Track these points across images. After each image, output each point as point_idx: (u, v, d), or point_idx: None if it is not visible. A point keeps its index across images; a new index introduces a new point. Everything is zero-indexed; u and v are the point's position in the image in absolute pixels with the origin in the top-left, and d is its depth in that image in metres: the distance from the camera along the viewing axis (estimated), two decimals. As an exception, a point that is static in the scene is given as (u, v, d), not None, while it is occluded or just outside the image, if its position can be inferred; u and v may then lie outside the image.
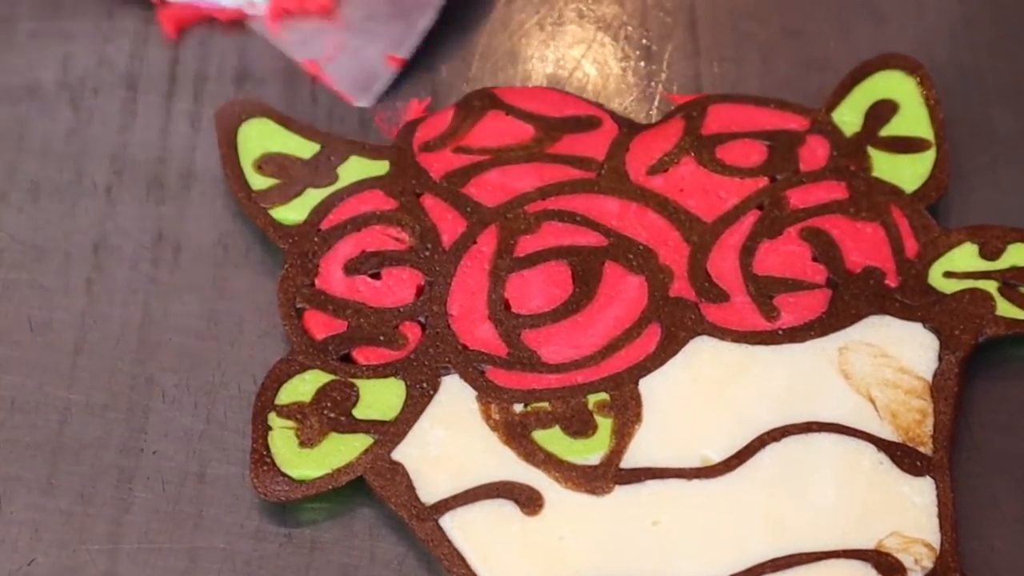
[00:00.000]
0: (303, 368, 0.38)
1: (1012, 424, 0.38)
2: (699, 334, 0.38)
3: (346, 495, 0.36)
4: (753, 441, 0.36)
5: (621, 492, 0.36)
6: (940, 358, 0.38)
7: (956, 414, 0.37)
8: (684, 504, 0.36)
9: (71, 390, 0.38)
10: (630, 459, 0.36)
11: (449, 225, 0.39)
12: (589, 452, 0.36)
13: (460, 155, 0.41)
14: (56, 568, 0.35)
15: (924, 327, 0.38)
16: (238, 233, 0.40)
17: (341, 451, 0.36)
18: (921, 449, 0.37)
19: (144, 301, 0.39)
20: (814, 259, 0.39)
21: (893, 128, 0.41)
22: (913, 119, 0.42)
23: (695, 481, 0.36)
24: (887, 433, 0.37)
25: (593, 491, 0.36)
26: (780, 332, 0.38)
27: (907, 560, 0.35)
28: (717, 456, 0.36)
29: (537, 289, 0.39)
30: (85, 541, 0.36)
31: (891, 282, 0.39)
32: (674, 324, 0.38)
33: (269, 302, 0.39)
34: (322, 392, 0.37)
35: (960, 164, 0.42)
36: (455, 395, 0.37)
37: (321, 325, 0.38)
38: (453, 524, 0.36)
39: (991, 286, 0.39)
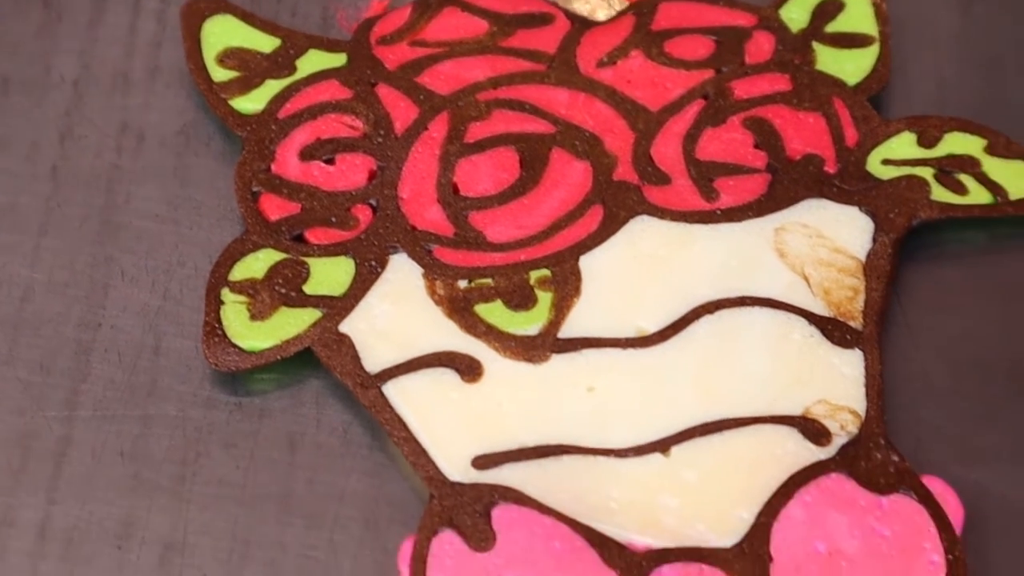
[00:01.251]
0: (256, 247, 0.39)
1: (943, 303, 0.39)
2: (639, 214, 0.39)
3: (295, 366, 0.38)
4: (688, 313, 0.38)
5: (558, 360, 0.37)
6: (874, 239, 0.39)
7: (887, 292, 0.38)
8: (618, 371, 0.37)
9: (34, 269, 0.39)
10: (568, 330, 0.37)
11: (402, 113, 0.41)
12: (528, 323, 0.38)
13: (415, 48, 0.42)
14: (15, 432, 0.37)
15: (860, 210, 0.39)
16: (200, 123, 0.42)
17: (290, 324, 0.38)
18: (852, 324, 0.38)
19: (107, 187, 0.41)
20: (756, 146, 0.40)
21: (838, 25, 0.43)
22: (858, 16, 0.43)
23: (630, 350, 0.37)
24: (819, 308, 0.38)
25: (531, 359, 0.37)
26: (719, 212, 0.39)
27: (833, 426, 0.36)
28: (652, 327, 0.38)
29: (485, 173, 0.40)
30: (43, 408, 0.37)
31: (830, 168, 0.40)
32: (616, 205, 0.39)
33: (227, 188, 0.40)
34: (274, 269, 0.39)
35: (904, 61, 0.43)
36: (402, 272, 0.39)
37: (275, 207, 0.40)
38: (396, 391, 0.37)
39: (927, 173, 0.40)
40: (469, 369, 0.37)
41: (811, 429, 0.36)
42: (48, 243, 0.40)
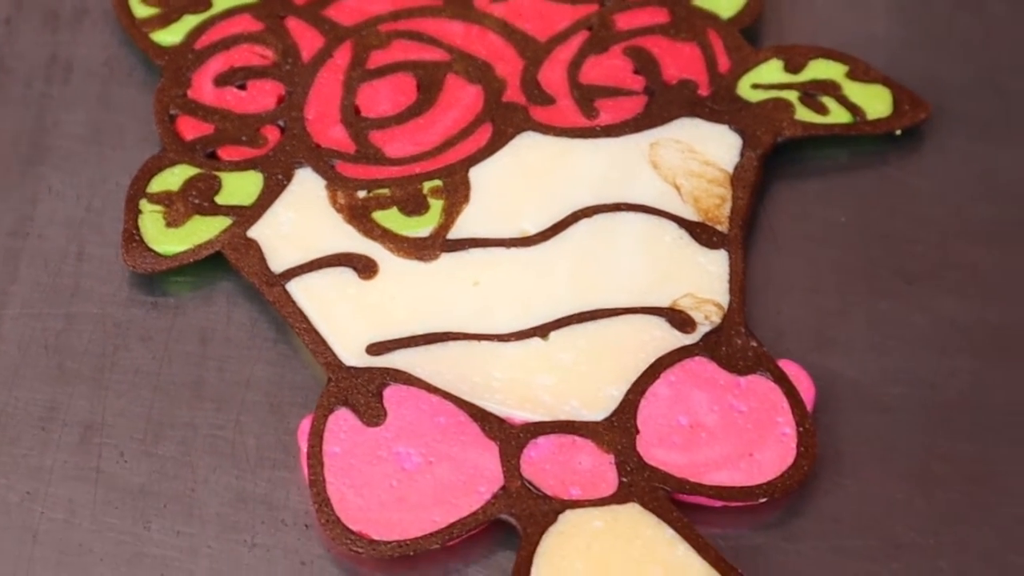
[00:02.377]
0: (173, 163, 0.42)
1: (805, 212, 0.43)
2: (525, 130, 0.43)
3: (207, 269, 0.41)
4: (567, 217, 0.41)
5: (447, 258, 0.40)
6: (742, 154, 0.43)
7: (752, 200, 0.42)
8: (502, 267, 0.40)
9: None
10: (456, 232, 0.41)
11: (309, 43, 0.44)
12: (420, 227, 0.41)
13: (322, -14, 0.45)
14: (-55, 334, 0.40)
15: (730, 128, 0.43)
16: (123, 56, 0.45)
17: (203, 230, 0.41)
18: (718, 228, 0.41)
19: (37, 113, 0.44)
20: (635, 72, 0.44)
21: (715, -36, 0.46)
22: (734, -43, 0.46)
23: (513, 249, 0.41)
24: (688, 214, 0.41)
25: (422, 258, 0.40)
26: (598, 128, 0.43)
27: (698, 316, 0.40)
28: (534, 229, 0.41)
29: (385, 96, 0.43)
30: (-27, 308, 0.41)
31: (703, 92, 0.44)
32: (504, 123, 0.43)
33: (148, 113, 0.44)
34: (189, 182, 0.42)
35: (777, -3, 0.46)
36: (306, 184, 0.42)
37: (191, 128, 0.43)
38: (298, 288, 0.40)
39: (792, 95, 0.44)
40: (365, 267, 0.40)
41: (678, 318, 0.40)
42: (-23, 161, 0.43)
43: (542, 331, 0.39)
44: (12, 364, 0.40)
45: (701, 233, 0.41)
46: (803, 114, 0.43)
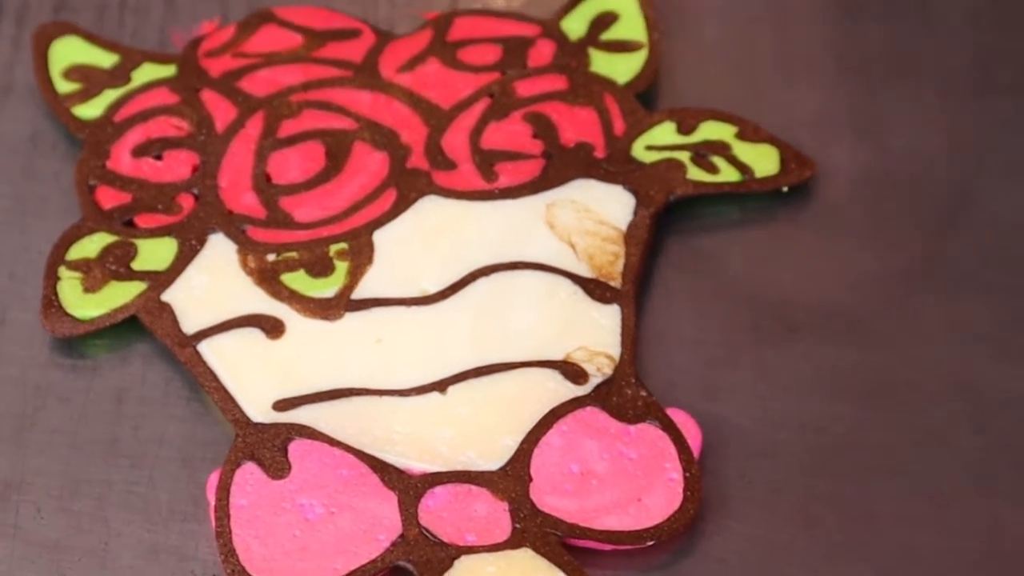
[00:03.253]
0: (92, 231, 0.44)
1: (696, 267, 0.45)
2: (428, 194, 0.45)
3: (123, 332, 0.43)
4: (466, 276, 0.43)
5: (350, 317, 0.42)
6: (635, 213, 0.45)
7: (644, 257, 0.44)
8: (403, 325, 0.42)
9: None
10: (360, 292, 0.43)
11: (223, 113, 0.46)
12: (326, 287, 0.43)
13: (237, 59, 0.47)
14: None
15: (624, 188, 0.45)
16: (47, 131, 0.47)
17: (119, 295, 0.43)
18: (612, 283, 0.43)
19: (-45, 188, 0.46)
20: (534, 136, 0.46)
21: (612, 33, 0.48)
22: (631, 27, 0.48)
23: (414, 307, 0.43)
24: (583, 271, 0.43)
25: (327, 317, 0.42)
26: (497, 191, 0.45)
27: (590, 368, 0.42)
28: (434, 288, 0.43)
29: (295, 164, 0.45)
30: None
31: (599, 154, 0.46)
32: (408, 188, 0.45)
33: (70, 184, 0.46)
34: (106, 250, 0.44)
35: (672, 65, 0.48)
36: (219, 249, 0.44)
37: (109, 198, 0.45)
38: (209, 349, 0.42)
39: (684, 156, 0.46)
40: (273, 328, 0.42)
41: (571, 371, 0.42)
42: (-94, 234, 0.45)
43: (441, 386, 0.41)
44: (-65, 426, 0.42)
45: (595, 289, 0.43)
46: (695, 173, 0.45)
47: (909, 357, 0.43)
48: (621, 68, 0.48)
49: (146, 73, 0.47)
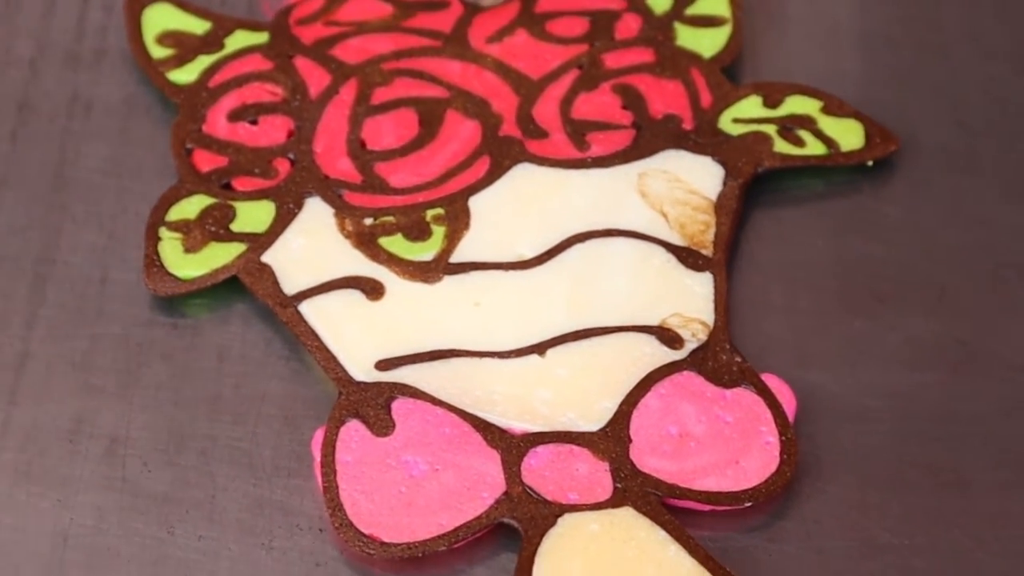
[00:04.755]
0: (190, 193, 0.45)
1: (783, 237, 0.45)
2: (521, 162, 0.45)
3: (223, 293, 0.44)
4: (561, 242, 0.44)
5: (449, 280, 0.43)
6: (724, 183, 0.45)
7: (734, 227, 0.45)
8: (501, 289, 0.43)
9: (-4, 215, 0.45)
10: (458, 256, 0.44)
11: (316, 80, 0.47)
12: (424, 251, 0.44)
13: (329, 27, 0.48)
14: (-22, 351, 0.43)
15: (712, 159, 0.46)
16: (141, 95, 0.48)
17: (219, 256, 0.44)
18: (703, 252, 0.44)
19: (59, 148, 0.47)
20: (623, 107, 0.47)
21: (697, 8, 0.49)
22: (715, 2, 0.49)
23: (511, 272, 0.43)
24: (675, 239, 0.44)
25: (426, 280, 0.43)
26: (589, 160, 0.45)
27: (685, 334, 0.43)
28: (530, 253, 0.44)
29: (389, 130, 0.46)
30: (5, 329, 0.43)
31: (687, 126, 0.46)
32: (501, 155, 0.45)
33: (165, 148, 0.46)
34: (205, 211, 0.45)
35: (755, 39, 0.49)
36: (316, 212, 0.45)
37: (206, 161, 0.46)
38: (310, 309, 0.43)
39: (771, 129, 0.47)
40: (373, 289, 0.43)
41: (666, 336, 0.42)
42: (8, 194, 0.46)
43: (540, 349, 0.42)
44: (41, 381, 0.42)
45: (687, 257, 0.44)
46: (781, 146, 0.46)
47: (994, 328, 0.44)
48: (706, 42, 0.48)
49: (239, 40, 0.48)
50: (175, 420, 0.42)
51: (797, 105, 0.47)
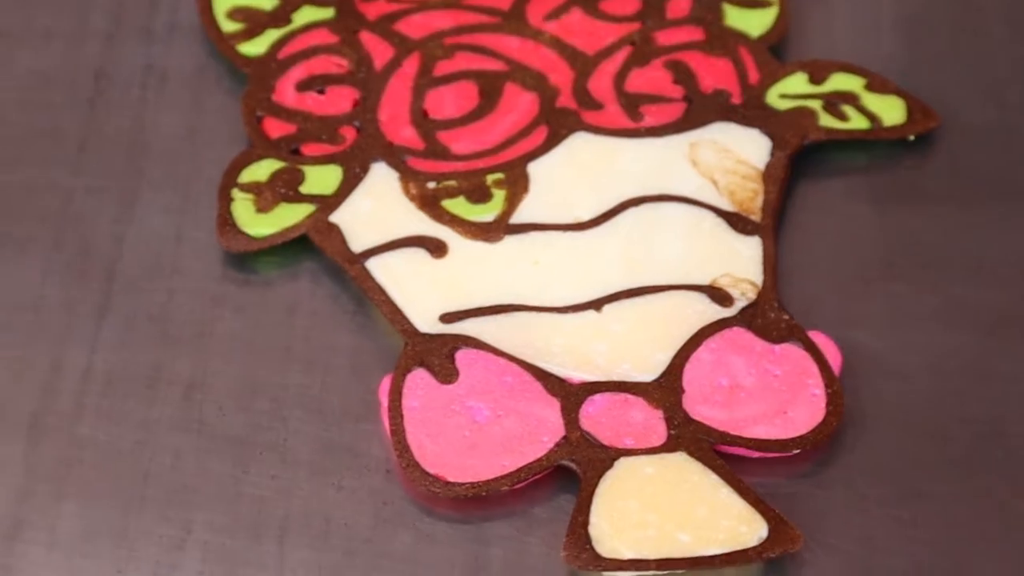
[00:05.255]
0: (260, 157, 0.47)
1: (828, 206, 0.47)
2: (578, 131, 0.47)
3: (292, 251, 0.46)
4: (616, 206, 0.46)
5: (509, 240, 0.45)
6: (772, 154, 0.47)
7: (782, 195, 0.47)
8: (559, 249, 0.45)
9: (76, 177, 0.47)
10: (517, 218, 0.46)
11: (380, 53, 0.49)
12: (485, 213, 0.46)
13: (392, 3, 0.50)
14: (63, 300, 0.45)
15: (760, 132, 0.48)
16: (212, 66, 0.50)
17: (289, 215, 0.46)
18: (752, 217, 0.46)
19: (135, 115, 0.49)
20: (674, 82, 0.49)
21: (745, -11, 0.51)
22: (762, -17, 0.51)
23: (569, 232, 0.45)
24: (725, 205, 0.46)
25: (488, 239, 0.45)
26: (643, 130, 0.47)
27: (735, 293, 0.44)
28: (587, 216, 0.46)
29: (450, 101, 0.48)
30: (86, 283, 0.45)
31: (736, 100, 0.48)
32: (558, 125, 0.48)
33: (235, 117, 0.48)
34: (275, 174, 0.47)
35: (801, 19, 0.51)
36: (381, 176, 0.47)
37: (276, 128, 0.48)
38: (376, 266, 0.45)
39: (816, 104, 0.49)
40: (436, 248, 0.45)
41: (717, 295, 0.44)
42: (86, 158, 0.48)
43: (596, 305, 0.44)
44: (121, 331, 0.44)
45: (736, 221, 0.46)
46: (826, 120, 0.48)
47: (1029, 294, 0.46)
48: (753, 22, 0.50)
49: (306, 15, 0.50)
50: (248, 368, 0.44)
51: (841, 82, 0.49)
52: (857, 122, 0.48)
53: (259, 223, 0.46)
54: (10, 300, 0.45)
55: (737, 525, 0.40)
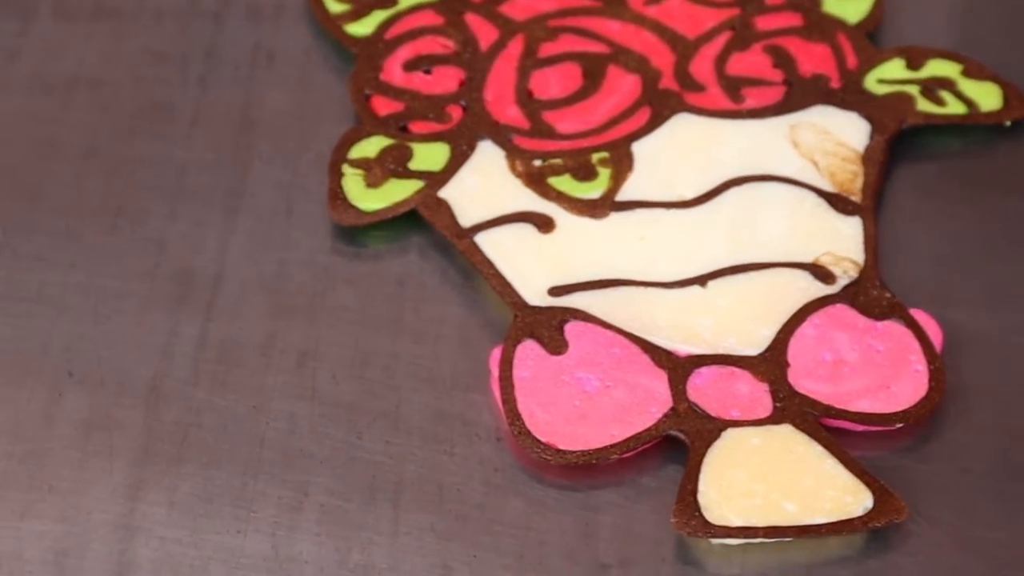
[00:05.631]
0: (369, 134, 0.48)
1: (925, 189, 0.48)
2: (680, 112, 0.48)
3: (400, 225, 0.47)
4: (719, 185, 0.47)
5: (615, 216, 0.46)
6: (871, 138, 0.48)
7: (880, 177, 0.47)
8: (664, 225, 0.46)
9: (188, 152, 0.48)
10: (622, 195, 0.46)
11: (485, 35, 0.50)
12: (591, 190, 0.47)
13: (497, -14, 0.51)
14: (178, 271, 0.46)
15: (859, 115, 0.48)
16: (319, 47, 0.51)
17: (398, 191, 0.47)
18: (852, 198, 0.47)
19: (244, 93, 0.50)
20: (774, 66, 0.50)
21: (842, -23, 0.52)
22: (859, -29, 0.52)
23: (673, 210, 0.46)
24: (826, 186, 0.47)
25: (594, 215, 0.46)
26: (744, 111, 0.48)
27: (837, 271, 0.45)
28: (691, 194, 0.47)
29: (554, 82, 0.49)
30: (199, 253, 0.46)
31: (834, 84, 0.49)
32: (661, 106, 0.48)
33: (343, 95, 0.49)
34: (384, 151, 0.48)
35: (896, 7, 0.52)
36: (488, 154, 0.48)
37: (384, 106, 0.49)
38: (485, 240, 0.46)
39: (914, 89, 0.49)
40: (544, 223, 0.46)
41: (820, 272, 0.45)
42: (198, 133, 0.49)
43: (701, 280, 0.45)
44: (235, 301, 0.45)
45: (837, 202, 0.47)
46: (923, 105, 0.49)
47: None
48: (851, 9, 0.51)
49: (411, -3, 0.51)
50: (360, 338, 0.45)
51: (939, 68, 0.50)
52: (954, 107, 0.49)
53: (369, 198, 0.47)
54: (128, 269, 0.46)
55: (843, 495, 0.41)
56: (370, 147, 0.48)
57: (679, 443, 0.42)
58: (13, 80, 0.50)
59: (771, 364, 0.43)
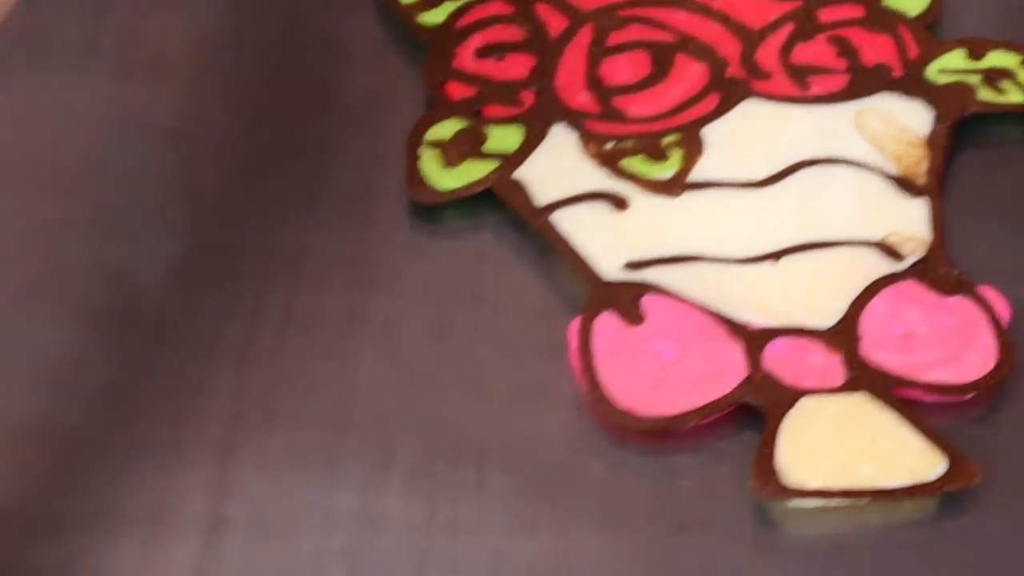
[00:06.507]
0: (444, 117, 0.49)
1: (988, 174, 0.49)
2: (747, 98, 0.49)
3: (477, 204, 0.48)
4: (787, 167, 0.48)
5: (688, 195, 0.47)
6: (934, 124, 0.49)
7: (945, 162, 0.49)
8: (735, 204, 0.47)
9: (270, 134, 0.50)
10: (694, 176, 0.48)
11: (555, 24, 0.51)
12: (664, 171, 0.48)
13: (564, -22, 0.53)
14: (262, 246, 0.47)
15: (923, 103, 0.50)
16: (391, 37, 0.52)
17: (475, 171, 0.48)
18: (918, 181, 0.48)
19: (321, 80, 0.51)
20: (837, 55, 0.51)
21: (902, -28, 0.53)
22: (918, -33, 0.54)
23: (743, 190, 0.47)
24: (892, 169, 0.48)
25: (667, 194, 0.47)
26: (810, 97, 0.50)
27: (905, 250, 0.46)
28: (761, 175, 0.48)
29: (624, 69, 0.50)
30: (282, 228, 0.47)
31: (897, 74, 0.50)
32: (729, 92, 0.50)
33: (416, 82, 0.51)
34: (459, 133, 0.49)
35: (955, 3, 0.53)
36: (561, 137, 0.49)
37: (458, 91, 0.50)
38: (561, 218, 0.47)
39: (975, 79, 0.51)
40: (618, 202, 0.47)
41: (888, 251, 0.46)
42: (276, 117, 0.50)
43: (773, 257, 0.46)
44: (319, 273, 0.46)
45: (903, 184, 0.48)
46: (985, 94, 0.50)
47: None
48: (911, 2, 0.52)
49: (483, -13, 0.53)
50: (440, 310, 0.46)
51: (999, 59, 0.51)
52: (1014, 96, 0.50)
53: (446, 178, 0.48)
54: (216, 244, 0.47)
55: (917, 460, 0.42)
56: (445, 130, 0.49)
57: (754, 411, 0.43)
58: (95, 64, 0.51)
59: (843, 336, 0.44)
